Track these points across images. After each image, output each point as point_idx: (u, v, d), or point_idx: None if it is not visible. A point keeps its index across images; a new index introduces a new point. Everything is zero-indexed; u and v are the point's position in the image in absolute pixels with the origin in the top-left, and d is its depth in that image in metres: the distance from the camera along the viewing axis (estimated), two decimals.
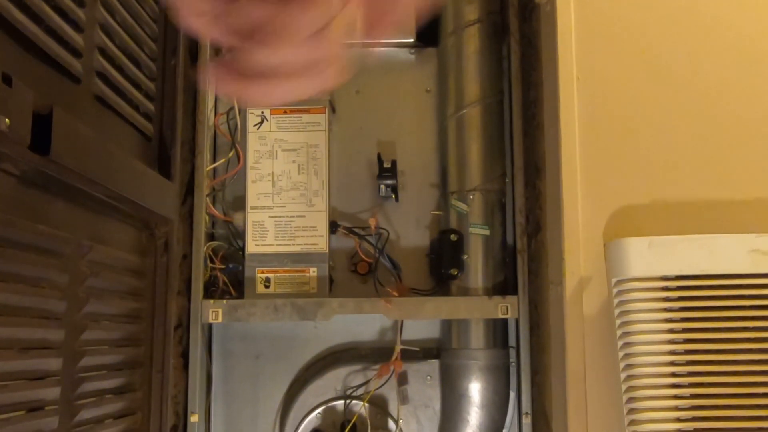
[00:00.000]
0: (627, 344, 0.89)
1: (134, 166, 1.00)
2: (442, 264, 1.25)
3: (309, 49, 0.40)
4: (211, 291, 1.26)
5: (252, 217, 1.27)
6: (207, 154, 1.29)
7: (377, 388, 1.27)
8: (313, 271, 1.26)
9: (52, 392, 0.80)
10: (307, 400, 1.28)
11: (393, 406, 1.28)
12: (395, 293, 1.26)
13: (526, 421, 1.22)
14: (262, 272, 1.26)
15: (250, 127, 1.29)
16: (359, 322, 1.32)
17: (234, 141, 1.30)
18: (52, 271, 0.81)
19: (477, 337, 1.24)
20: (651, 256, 0.89)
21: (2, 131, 0.65)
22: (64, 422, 0.83)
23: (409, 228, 1.33)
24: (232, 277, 1.29)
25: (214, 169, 1.32)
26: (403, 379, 1.28)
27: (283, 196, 1.28)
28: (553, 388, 1.08)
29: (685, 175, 0.99)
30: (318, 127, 1.28)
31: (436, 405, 1.28)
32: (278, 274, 1.26)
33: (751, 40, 1.01)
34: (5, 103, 0.65)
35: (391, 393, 1.28)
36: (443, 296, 1.26)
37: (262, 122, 1.29)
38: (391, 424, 1.27)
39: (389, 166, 1.25)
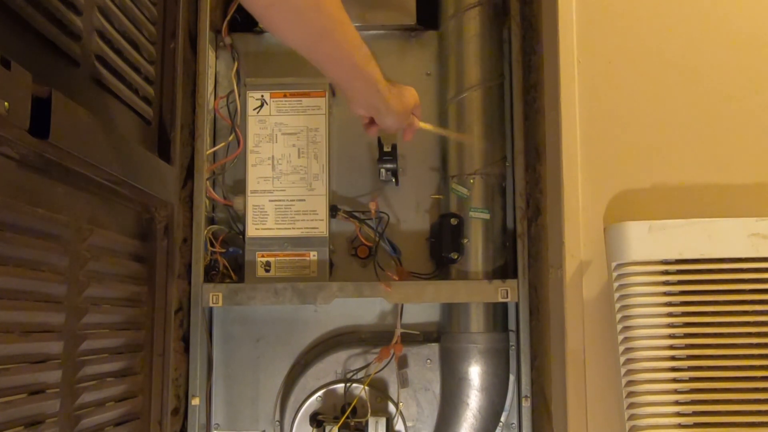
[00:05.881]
0: (626, 328, 0.89)
1: (134, 150, 0.99)
2: (443, 248, 1.25)
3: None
4: (211, 275, 1.27)
5: (252, 201, 1.27)
6: (207, 138, 1.28)
7: (377, 372, 1.27)
8: (313, 255, 1.26)
9: (53, 375, 0.81)
10: (307, 383, 1.28)
11: (393, 390, 1.29)
12: (395, 277, 1.26)
13: (526, 404, 1.23)
14: (263, 256, 1.26)
15: (250, 111, 1.29)
16: (359, 305, 1.32)
17: (234, 124, 1.30)
18: (53, 254, 0.81)
19: (477, 320, 1.24)
20: (651, 240, 0.89)
21: (1, 115, 0.64)
22: (65, 405, 0.83)
23: (410, 212, 1.33)
24: (232, 261, 1.29)
25: (214, 153, 1.32)
26: (403, 363, 1.29)
27: (283, 179, 1.27)
28: (552, 372, 1.09)
29: (685, 160, 0.99)
30: (318, 110, 1.28)
31: (436, 388, 1.29)
32: (278, 258, 1.26)
33: (751, 25, 1.00)
34: (4, 87, 0.65)
35: (391, 376, 1.29)
36: (443, 280, 1.26)
37: (261, 106, 1.28)
38: (391, 407, 1.28)
39: (389, 149, 1.25)
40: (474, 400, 1.23)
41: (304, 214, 1.27)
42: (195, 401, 1.22)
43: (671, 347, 0.88)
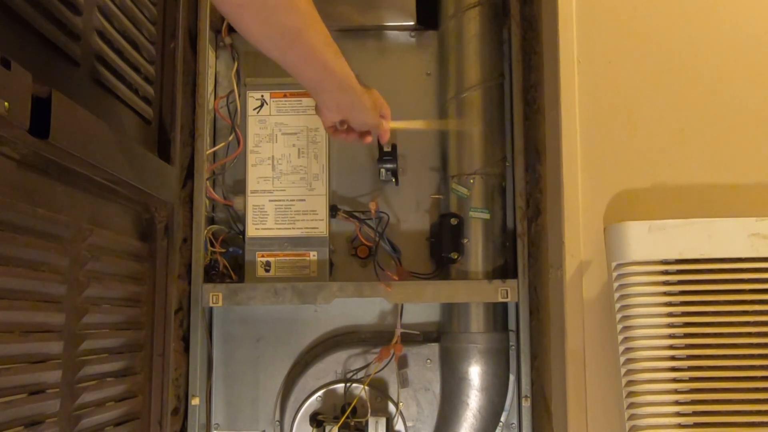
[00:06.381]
0: (626, 328, 0.89)
1: (134, 150, 0.99)
2: (443, 248, 1.25)
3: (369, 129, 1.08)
4: (211, 275, 1.27)
5: (252, 200, 1.27)
6: (207, 138, 1.28)
7: (377, 372, 1.27)
8: (313, 255, 1.26)
9: (53, 375, 0.81)
10: (307, 383, 1.28)
11: (393, 390, 1.29)
12: (395, 277, 1.26)
13: (526, 404, 1.23)
14: (263, 256, 1.26)
15: (250, 111, 1.29)
16: (359, 305, 1.32)
17: (234, 124, 1.30)
18: (53, 254, 0.81)
19: (477, 320, 1.24)
20: (651, 240, 0.89)
21: (1, 115, 0.64)
22: (65, 405, 0.83)
23: (410, 212, 1.33)
24: (232, 261, 1.29)
25: (214, 153, 1.32)
26: (403, 363, 1.29)
27: (283, 179, 1.27)
28: (552, 372, 1.09)
29: (685, 159, 0.99)
30: None
31: (436, 388, 1.29)
32: (278, 258, 1.26)
33: (751, 26, 1.00)
34: (4, 87, 0.65)
35: (391, 376, 1.29)
36: (443, 280, 1.26)
37: (261, 105, 1.28)
38: (391, 407, 1.28)
39: (389, 149, 1.25)
40: (474, 400, 1.23)
41: (304, 214, 1.27)
42: (195, 401, 1.22)
43: (671, 347, 0.88)
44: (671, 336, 0.88)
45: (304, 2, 0.81)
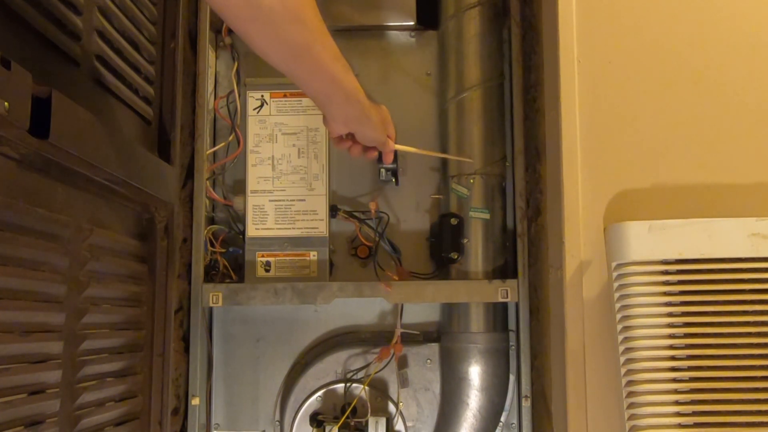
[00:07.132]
0: (626, 328, 0.90)
1: (134, 150, 0.99)
2: (443, 248, 1.25)
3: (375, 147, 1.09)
4: (211, 275, 1.27)
5: (252, 200, 1.27)
6: (207, 138, 1.28)
7: (377, 372, 1.27)
8: (313, 255, 1.26)
9: (53, 375, 0.81)
10: (307, 383, 1.28)
11: (393, 390, 1.29)
12: (395, 277, 1.26)
13: (526, 404, 1.23)
14: (263, 256, 1.26)
15: (250, 111, 1.29)
16: (359, 305, 1.32)
17: (234, 124, 1.30)
18: (53, 254, 0.81)
19: (477, 320, 1.24)
20: (651, 240, 0.89)
21: (1, 115, 0.64)
22: (65, 405, 0.83)
23: (410, 212, 1.33)
24: (232, 261, 1.29)
25: (214, 153, 1.32)
26: (403, 363, 1.29)
27: (283, 179, 1.27)
28: (552, 372, 1.09)
29: (685, 159, 0.99)
30: (318, 110, 1.28)
31: (436, 388, 1.29)
32: (278, 258, 1.26)
33: (751, 25, 1.00)
34: (4, 87, 0.65)
35: (391, 376, 1.29)
36: (443, 280, 1.26)
37: (261, 105, 1.28)
38: (391, 407, 1.28)
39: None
40: (474, 400, 1.23)
41: (304, 214, 1.27)
42: (195, 401, 1.22)
43: (671, 347, 0.88)
44: (671, 336, 0.88)
45: (312, 17, 0.80)
